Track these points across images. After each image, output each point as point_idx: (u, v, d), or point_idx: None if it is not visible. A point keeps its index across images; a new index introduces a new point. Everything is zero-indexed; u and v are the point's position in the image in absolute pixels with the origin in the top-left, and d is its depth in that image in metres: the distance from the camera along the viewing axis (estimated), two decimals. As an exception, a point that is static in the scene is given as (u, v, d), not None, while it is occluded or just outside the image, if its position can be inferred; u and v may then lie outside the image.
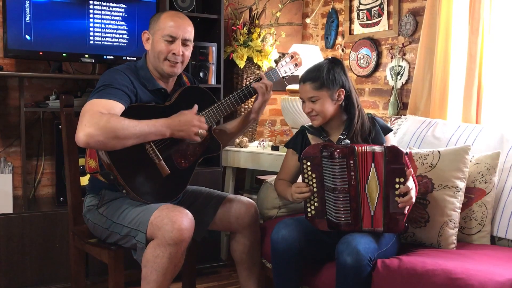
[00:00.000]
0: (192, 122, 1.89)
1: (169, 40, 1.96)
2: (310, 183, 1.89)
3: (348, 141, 1.89)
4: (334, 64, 2.02)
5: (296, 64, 2.23)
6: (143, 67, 2.02)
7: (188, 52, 2.03)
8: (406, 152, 1.83)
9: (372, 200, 1.83)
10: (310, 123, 2.12)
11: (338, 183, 1.83)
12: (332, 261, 1.83)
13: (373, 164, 1.82)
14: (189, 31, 2.01)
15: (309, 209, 1.91)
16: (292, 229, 1.88)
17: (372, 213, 1.83)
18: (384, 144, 1.95)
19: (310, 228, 1.92)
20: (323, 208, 1.89)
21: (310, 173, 1.89)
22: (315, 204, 1.90)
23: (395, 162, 1.79)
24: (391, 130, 2.16)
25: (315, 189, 1.89)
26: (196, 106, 1.97)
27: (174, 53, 1.96)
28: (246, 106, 3.18)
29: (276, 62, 2.17)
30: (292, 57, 2.23)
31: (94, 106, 1.77)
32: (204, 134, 1.93)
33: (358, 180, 1.83)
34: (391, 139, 2.14)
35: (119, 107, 1.81)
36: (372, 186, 1.83)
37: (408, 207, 1.82)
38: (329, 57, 2.12)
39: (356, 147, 1.83)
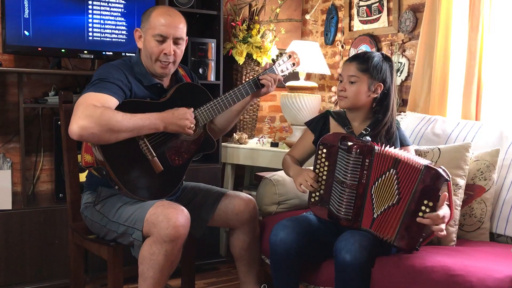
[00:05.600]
0: (185, 115, 1.88)
1: (160, 40, 1.91)
2: (322, 169, 1.89)
3: (369, 138, 1.85)
4: (386, 59, 2.01)
5: (293, 64, 2.20)
6: (138, 63, 1.99)
7: (180, 50, 1.98)
8: (447, 179, 1.71)
9: (378, 204, 1.80)
10: (335, 110, 2.10)
11: (348, 178, 1.82)
12: (331, 259, 1.82)
13: (393, 170, 1.77)
14: (181, 29, 1.95)
15: (313, 194, 1.91)
16: (290, 231, 1.86)
17: (375, 216, 1.81)
18: (428, 163, 1.74)
19: (309, 228, 1.91)
20: (328, 196, 1.89)
21: (323, 160, 1.88)
22: (321, 191, 1.90)
23: (430, 185, 1.70)
24: (409, 144, 2.07)
25: (324, 177, 1.89)
26: (192, 109, 1.96)
27: (165, 53, 1.92)
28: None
29: (274, 61, 2.14)
30: (290, 56, 2.19)
31: (88, 99, 1.76)
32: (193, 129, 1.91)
33: (369, 180, 1.82)
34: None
35: (113, 102, 1.80)
36: (383, 191, 1.79)
37: (429, 231, 1.74)
38: (383, 52, 2.07)
39: (375, 147, 1.81)
